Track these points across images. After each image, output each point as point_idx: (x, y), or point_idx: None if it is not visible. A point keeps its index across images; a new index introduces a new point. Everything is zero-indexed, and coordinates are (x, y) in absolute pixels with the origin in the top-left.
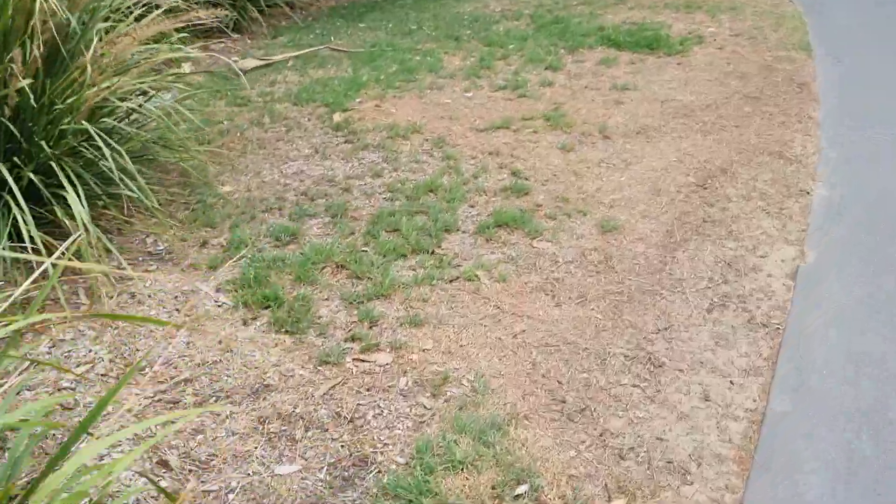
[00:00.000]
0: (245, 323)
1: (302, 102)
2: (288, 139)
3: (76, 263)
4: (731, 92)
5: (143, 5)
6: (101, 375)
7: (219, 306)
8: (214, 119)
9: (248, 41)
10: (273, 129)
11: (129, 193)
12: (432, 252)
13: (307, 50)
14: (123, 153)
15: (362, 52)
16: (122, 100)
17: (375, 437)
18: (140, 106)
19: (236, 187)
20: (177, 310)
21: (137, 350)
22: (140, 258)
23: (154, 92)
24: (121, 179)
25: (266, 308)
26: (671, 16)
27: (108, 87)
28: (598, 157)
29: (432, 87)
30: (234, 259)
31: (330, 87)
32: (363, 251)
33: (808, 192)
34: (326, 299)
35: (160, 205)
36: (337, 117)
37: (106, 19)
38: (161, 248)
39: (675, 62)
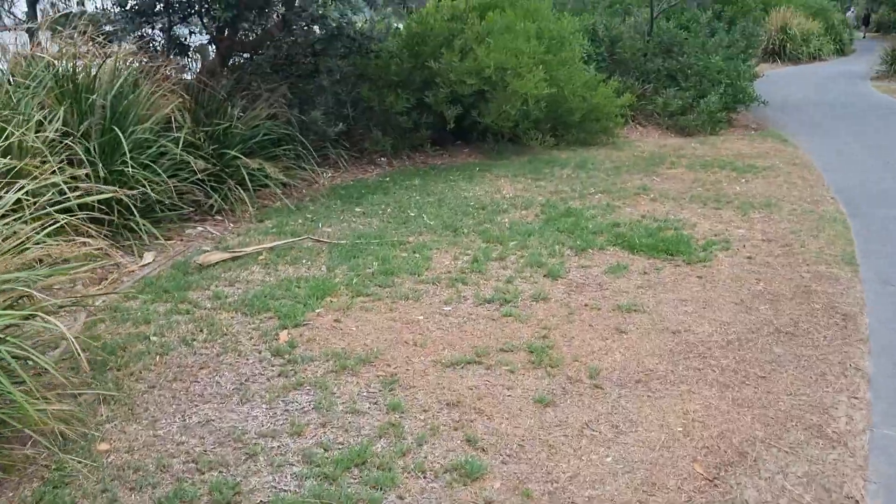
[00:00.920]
0: None
1: (253, 312)
2: (214, 367)
3: None
4: (758, 322)
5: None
6: None
7: None
8: (142, 335)
9: (231, 225)
10: (203, 351)
11: None
12: None
13: (287, 240)
14: None
15: (346, 244)
16: None
17: None
18: None
19: (117, 444)
20: None
21: None
22: None
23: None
24: None
25: None
26: (697, 211)
27: None
28: (583, 418)
29: (409, 295)
30: None
31: (292, 292)
32: None
33: (856, 503)
34: None
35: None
36: (284, 336)
37: None
38: None
39: (696, 275)
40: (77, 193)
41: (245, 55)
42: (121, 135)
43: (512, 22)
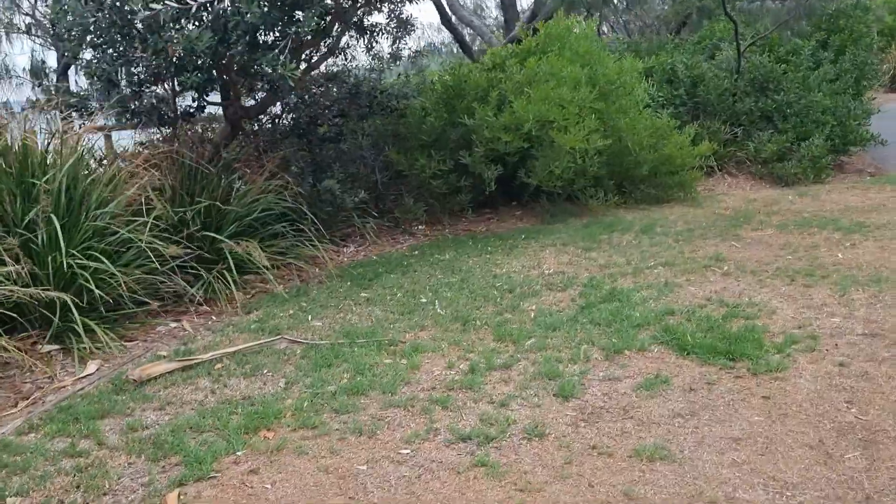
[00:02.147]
0: None
1: (160, 455)
2: None
3: None
4: (841, 483)
5: None
6: None
7: None
8: (10, 488)
9: (213, 318)
10: None
11: None
12: None
13: (258, 341)
14: None
15: (325, 345)
16: None
17: None
18: None
19: None
20: None
21: None
22: None
23: None
24: None
25: None
26: (780, 290)
27: None
28: None
29: (364, 428)
30: None
31: (223, 421)
32: None
33: None
34: None
35: None
36: (171, 500)
37: None
38: None
39: (762, 393)
40: None
41: (264, 119)
42: (57, 225)
43: (557, 68)
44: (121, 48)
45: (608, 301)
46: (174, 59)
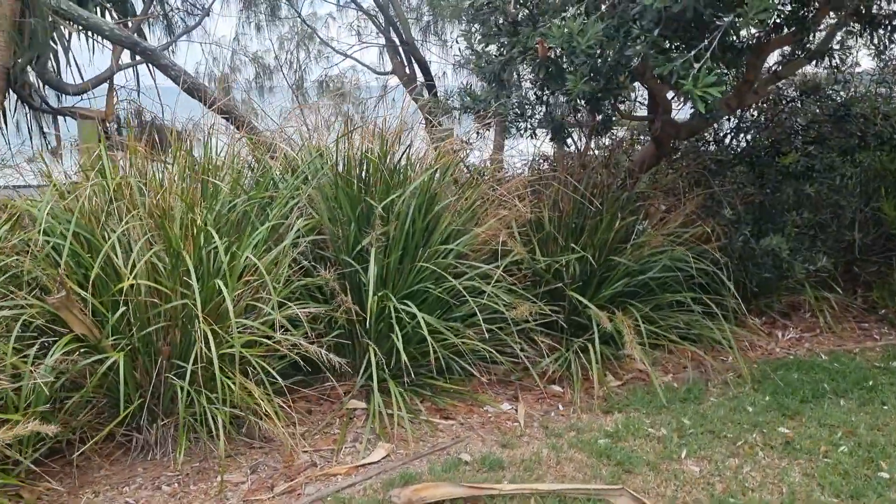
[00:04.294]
0: None
1: None
2: None
3: None
4: None
5: None
6: None
7: None
8: None
9: (558, 408)
10: None
11: None
12: None
13: (587, 486)
14: None
15: None
16: None
17: None
18: None
19: None
20: None
21: None
22: None
23: None
24: None
25: None
26: None
27: None
28: None
29: None
30: None
31: None
32: None
33: None
34: None
35: None
36: None
37: None
38: None
39: None
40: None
41: (708, 138)
42: (372, 262)
43: None
44: (501, 41)
45: None
46: (548, 60)
